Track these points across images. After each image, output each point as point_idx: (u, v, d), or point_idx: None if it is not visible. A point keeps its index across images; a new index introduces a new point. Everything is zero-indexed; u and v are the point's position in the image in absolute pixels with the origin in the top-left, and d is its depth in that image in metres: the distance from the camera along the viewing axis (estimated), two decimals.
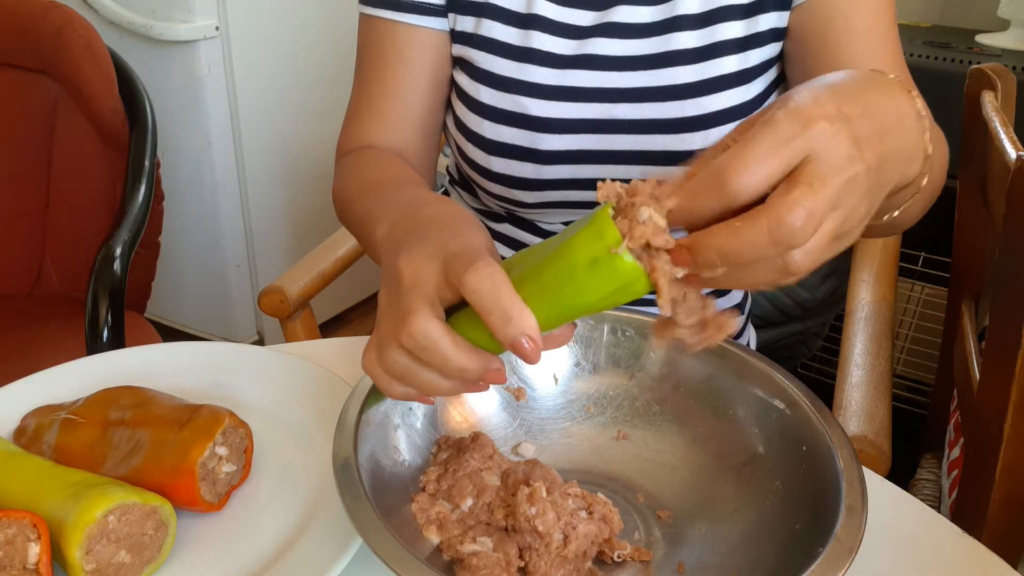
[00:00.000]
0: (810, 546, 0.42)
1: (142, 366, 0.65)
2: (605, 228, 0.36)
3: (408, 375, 0.41)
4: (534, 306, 0.37)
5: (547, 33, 0.67)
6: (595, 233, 0.36)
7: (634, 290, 0.37)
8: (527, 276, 0.39)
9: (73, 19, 1.25)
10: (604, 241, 0.36)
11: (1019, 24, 1.55)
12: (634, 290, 0.37)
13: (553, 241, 0.39)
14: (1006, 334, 0.67)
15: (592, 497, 0.50)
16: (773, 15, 0.66)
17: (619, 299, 0.37)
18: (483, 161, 0.70)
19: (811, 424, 0.49)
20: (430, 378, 0.41)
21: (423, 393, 0.43)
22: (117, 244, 1.15)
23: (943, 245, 1.42)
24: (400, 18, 0.70)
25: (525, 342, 0.37)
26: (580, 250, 0.37)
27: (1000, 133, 0.76)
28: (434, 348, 0.39)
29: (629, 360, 0.59)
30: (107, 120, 1.26)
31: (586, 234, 0.36)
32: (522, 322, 0.37)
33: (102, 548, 0.45)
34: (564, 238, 0.38)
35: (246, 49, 1.71)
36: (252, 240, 1.89)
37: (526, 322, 0.37)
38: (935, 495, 1.02)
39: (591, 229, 0.36)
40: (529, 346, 0.37)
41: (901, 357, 1.63)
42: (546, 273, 0.38)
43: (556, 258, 0.37)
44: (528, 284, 0.38)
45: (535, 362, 0.37)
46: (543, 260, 0.38)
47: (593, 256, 0.36)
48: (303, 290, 0.97)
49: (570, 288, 0.37)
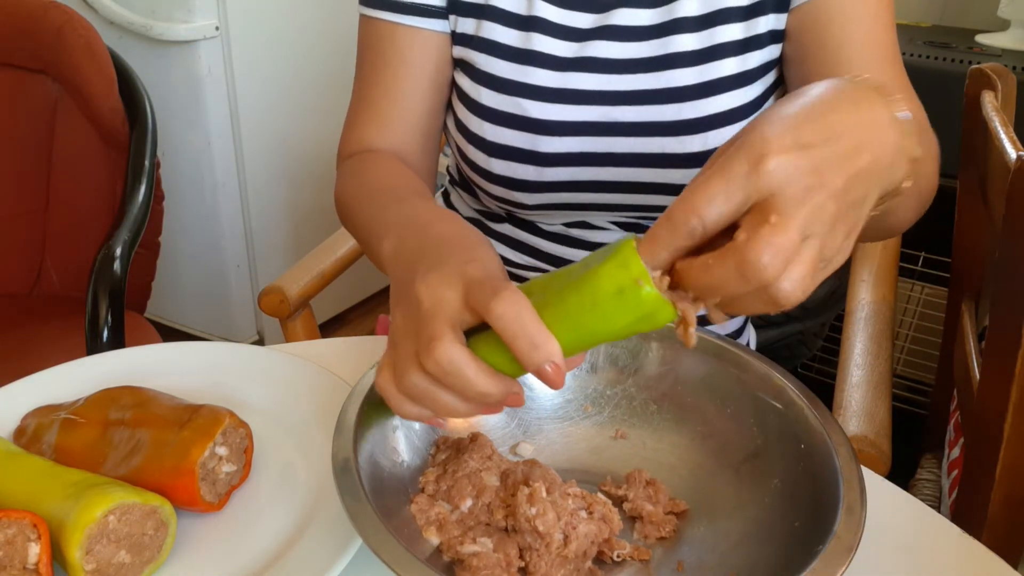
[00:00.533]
0: (809, 544, 0.42)
1: (142, 366, 0.65)
2: (630, 259, 0.37)
3: (426, 398, 0.42)
4: (557, 332, 0.39)
5: (548, 35, 0.68)
6: (620, 263, 0.38)
7: (657, 320, 0.38)
8: (550, 303, 0.40)
9: (73, 19, 1.25)
10: (630, 272, 0.37)
11: (1019, 24, 1.55)
12: (657, 320, 0.38)
13: (574, 269, 0.40)
14: (1006, 334, 0.67)
15: (592, 497, 0.50)
16: (772, 17, 0.66)
17: (641, 328, 0.39)
18: (483, 163, 0.70)
19: (809, 423, 0.49)
20: (448, 401, 0.42)
21: (438, 415, 0.44)
22: (117, 244, 1.15)
23: (943, 245, 1.42)
24: (400, 20, 0.70)
25: (550, 368, 0.38)
26: (605, 279, 0.38)
27: (1000, 133, 0.76)
28: (458, 374, 0.40)
29: (627, 359, 0.59)
30: (107, 120, 1.26)
31: (612, 264, 0.38)
32: (548, 348, 0.38)
33: (102, 548, 0.45)
34: (587, 267, 0.39)
35: (246, 49, 1.71)
36: (252, 240, 1.89)
37: (552, 348, 0.38)
38: (935, 495, 1.02)
39: (616, 259, 0.38)
40: (553, 371, 0.38)
41: (901, 357, 1.63)
42: (570, 301, 0.39)
43: (581, 286, 0.39)
44: (551, 311, 0.39)
45: (559, 387, 0.39)
46: (566, 288, 0.39)
47: (619, 286, 0.37)
48: (303, 290, 0.97)
49: (594, 316, 0.38)
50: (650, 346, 0.58)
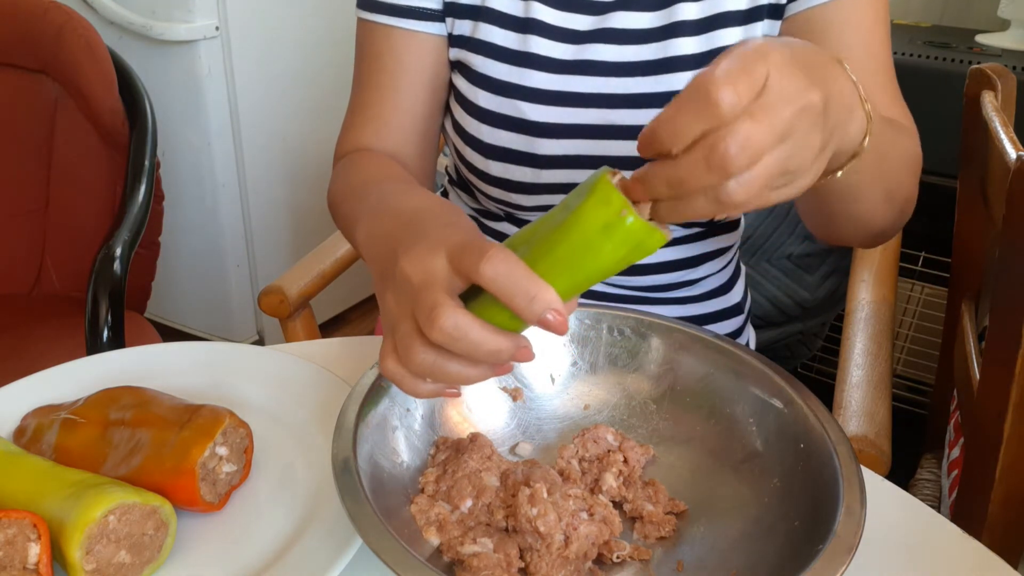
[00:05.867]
0: (809, 544, 0.42)
1: (142, 366, 0.65)
2: (610, 193, 0.38)
3: (436, 370, 0.41)
4: (552, 280, 0.39)
5: (545, 38, 0.67)
6: (601, 200, 0.38)
7: (648, 247, 0.38)
8: (539, 254, 0.40)
9: (73, 19, 1.25)
10: (612, 207, 0.38)
11: (1019, 24, 1.55)
12: (648, 247, 0.38)
13: (554, 215, 0.40)
14: (1006, 334, 0.67)
15: (592, 498, 0.50)
16: (767, 23, 0.66)
17: (634, 258, 0.39)
18: (481, 164, 0.70)
19: (808, 422, 0.49)
20: (458, 369, 0.41)
21: (451, 385, 0.43)
22: (117, 244, 1.15)
23: (943, 245, 1.42)
24: (397, 23, 0.70)
25: (551, 316, 0.38)
26: (590, 219, 0.38)
27: (1000, 133, 0.76)
28: (465, 337, 0.39)
29: (626, 359, 0.59)
30: (107, 120, 1.26)
31: (593, 203, 0.38)
32: (545, 297, 0.38)
33: (102, 548, 0.45)
34: (568, 210, 0.39)
35: (246, 49, 1.71)
36: (252, 240, 1.89)
37: (549, 296, 0.38)
38: (935, 495, 1.02)
39: (596, 196, 0.38)
40: (556, 318, 0.38)
41: (901, 357, 1.63)
42: (559, 247, 0.39)
43: (567, 231, 0.39)
44: (543, 261, 0.40)
45: (564, 332, 0.39)
46: (551, 235, 0.40)
47: (604, 222, 0.38)
48: (303, 290, 0.97)
49: (585, 257, 0.39)
50: (650, 346, 0.58)
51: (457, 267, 0.40)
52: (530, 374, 0.59)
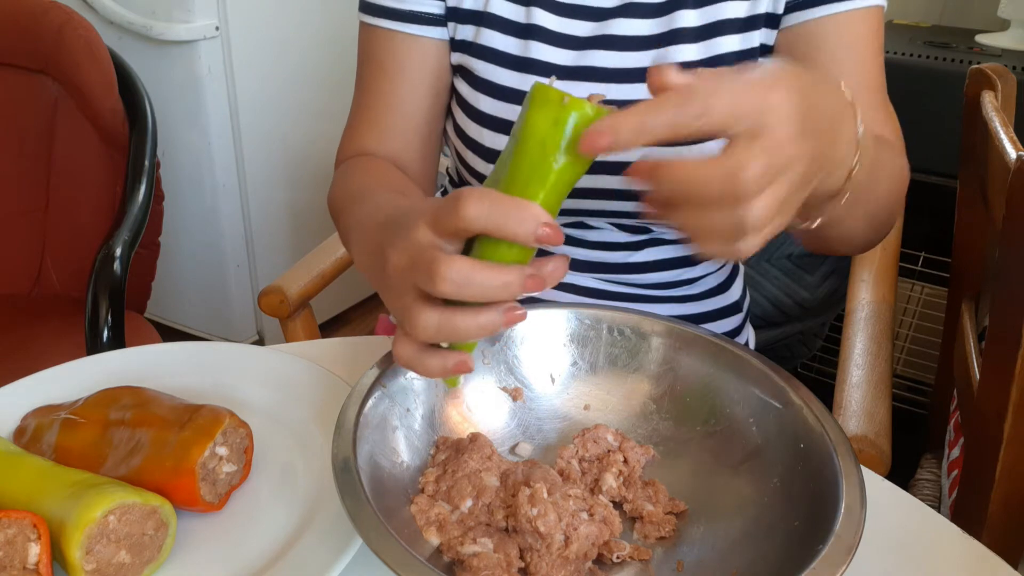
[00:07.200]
0: (809, 544, 0.42)
1: (142, 366, 0.65)
2: (548, 93, 0.40)
3: (445, 328, 0.41)
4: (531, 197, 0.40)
5: (546, 44, 0.68)
6: (541, 102, 0.40)
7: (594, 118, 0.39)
8: (509, 180, 0.41)
9: (73, 19, 1.25)
10: (552, 100, 0.39)
11: (1019, 24, 1.55)
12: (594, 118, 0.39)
13: (508, 146, 0.42)
14: (1006, 334, 0.67)
15: (592, 499, 0.50)
16: (763, 31, 0.66)
17: None
18: (482, 169, 0.70)
19: (808, 423, 0.49)
20: (468, 320, 0.41)
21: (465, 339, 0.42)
22: (117, 244, 1.15)
23: (943, 245, 1.42)
24: (399, 28, 0.70)
25: (544, 230, 0.38)
26: (539, 123, 0.40)
27: (1000, 133, 0.76)
28: (472, 279, 0.39)
29: (626, 359, 0.59)
30: (107, 120, 1.26)
31: (535, 108, 0.40)
32: (531, 212, 0.38)
33: (102, 548, 0.45)
34: (519, 130, 0.41)
35: (246, 49, 1.71)
36: (252, 240, 1.89)
37: (534, 211, 0.38)
38: (935, 495, 1.02)
39: (535, 102, 0.40)
40: (549, 231, 0.38)
41: (901, 357, 1.63)
42: (523, 163, 0.40)
43: (523, 143, 0.40)
44: (514, 183, 0.41)
45: (561, 242, 0.39)
46: (512, 159, 0.41)
47: (551, 118, 0.39)
48: (303, 290, 0.97)
49: (548, 158, 0.40)
50: (650, 346, 0.58)
51: (441, 229, 0.40)
52: (530, 374, 0.59)
